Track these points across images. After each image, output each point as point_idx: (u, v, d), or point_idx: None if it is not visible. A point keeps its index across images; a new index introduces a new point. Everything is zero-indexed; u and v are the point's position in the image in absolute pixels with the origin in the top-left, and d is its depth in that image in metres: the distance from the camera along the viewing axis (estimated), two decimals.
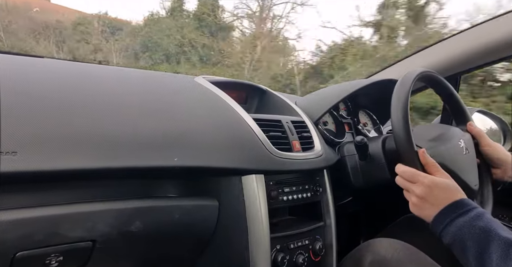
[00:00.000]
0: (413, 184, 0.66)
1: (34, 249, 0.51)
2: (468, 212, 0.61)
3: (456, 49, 1.07)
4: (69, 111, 0.55)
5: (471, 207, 0.61)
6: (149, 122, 0.63)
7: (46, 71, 0.64)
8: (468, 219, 0.59)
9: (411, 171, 0.67)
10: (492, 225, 0.58)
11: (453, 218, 0.61)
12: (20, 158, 0.46)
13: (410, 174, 0.67)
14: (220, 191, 0.72)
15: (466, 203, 0.62)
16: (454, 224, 0.60)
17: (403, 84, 0.73)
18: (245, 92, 0.97)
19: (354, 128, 1.11)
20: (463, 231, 0.59)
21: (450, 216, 0.61)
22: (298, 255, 0.76)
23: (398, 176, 0.70)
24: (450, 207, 0.62)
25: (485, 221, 0.59)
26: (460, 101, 0.86)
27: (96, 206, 0.56)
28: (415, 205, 0.66)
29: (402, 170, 0.69)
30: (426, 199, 0.64)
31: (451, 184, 0.65)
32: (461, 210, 0.61)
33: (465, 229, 0.59)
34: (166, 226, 0.65)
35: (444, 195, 0.63)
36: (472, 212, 0.60)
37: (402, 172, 0.68)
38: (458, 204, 0.62)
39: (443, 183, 0.64)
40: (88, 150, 0.53)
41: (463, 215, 0.60)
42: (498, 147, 0.81)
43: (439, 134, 0.80)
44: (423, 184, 0.65)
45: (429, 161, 0.67)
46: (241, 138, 0.72)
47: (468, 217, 0.60)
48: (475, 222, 0.59)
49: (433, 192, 0.64)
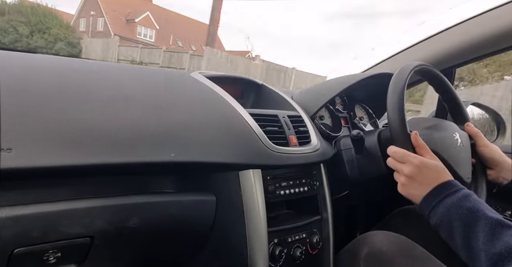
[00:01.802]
0: (402, 164, 0.68)
1: (32, 246, 0.51)
2: (455, 192, 0.62)
3: (451, 42, 1.07)
4: (64, 107, 0.55)
5: (458, 188, 0.62)
6: (145, 117, 0.63)
7: (40, 67, 0.63)
8: (456, 200, 0.60)
9: (402, 151, 0.68)
10: (479, 205, 0.59)
11: (441, 199, 0.62)
12: (16, 154, 0.46)
13: (401, 154, 0.68)
14: (218, 186, 0.72)
15: (453, 184, 0.63)
16: (442, 204, 0.61)
17: (399, 77, 0.73)
18: (241, 87, 0.97)
19: (350, 122, 1.11)
20: (450, 211, 0.60)
21: (438, 196, 0.62)
22: (296, 249, 0.77)
23: (389, 157, 0.71)
24: (438, 188, 0.63)
25: (472, 201, 0.60)
26: (455, 94, 0.87)
27: (94, 202, 0.56)
28: (404, 184, 0.67)
29: (393, 151, 0.70)
30: (414, 178, 0.65)
31: (439, 166, 0.66)
32: (449, 190, 0.62)
33: (452, 209, 0.60)
34: (164, 222, 0.66)
35: (433, 175, 0.65)
36: (459, 193, 0.61)
37: (393, 152, 0.70)
38: (446, 185, 0.63)
39: (432, 163, 0.66)
40: (84, 146, 0.53)
41: (451, 195, 0.61)
42: (494, 148, 0.82)
43: (434, 124, 0.80)
44: (412, 164, 0.66)
45: (420, 143, 0.69)
46: (238, 133, 0.72)
47: (455, 198, 0.61)
48: (463, 202, 0.60)
49: (422, 172, 0.65)
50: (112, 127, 0.57)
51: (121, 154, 0.55)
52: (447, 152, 0.74)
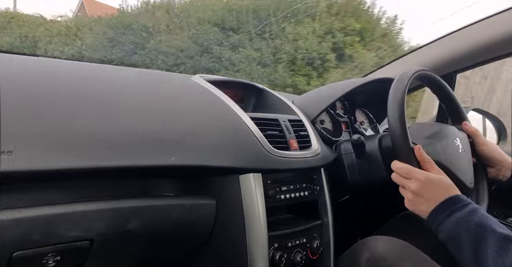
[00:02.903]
0: (408, 180, 0.67)
1: (31, 249, 0.50)
2: (463, 207, 0.61)
3: (452, 48, 1.07)
4: (65, 110, 0.55)
5: (466, 203, 0.62)
6: (146, 121, 0.63)
7: (42, 70, 0.64)
8: (464, 215, 0.60)
9: (407, 167, 0.68)
10: (487, 220, 0.59)
11: (449, 214, 0.61)
12: (16, 157, 0.46)
13: (406, 170, 0.68)
14: (218, 190, 0.72)
15: (460, 199, 0.63)
16: (449, 220, 0.61)
17: (400, 82, 0.73)
18: (242, 91, 0.97)
19: (351, 127, 1.11)
20: (459, 226, 0.59)
21: (446, 212, 0.62)
22: (296, 253, 0.76)
23: (394, 173, 0.70)
24: (445, 203, 0.63)
25: (480, 216, 0.59)
26: (456, 99, 0.87)
27: (94, 206, 0.56)
28: (410, 201, 0.67)
29: (397, 167, 0.69)
30: (421, 195, 0.65)
31: (445, 181, 0.66)
32: (456, 206, 0.62)
33: (460, 224, 0.59)
34: (164, 225, 0.65)
35: (439, 191, 0.64)
36: (467, 208, 0.61)
37: (398, 168, 0.69)
38: (453, 200, 0.63)
39: (438, 179, 0.65)
40: (85, 149, 0.53)
41: (458, 210, 0.61)
42: (493, 146, 0.82)
43: (435, 132, 0.80)
44: (418, 180, 0.65)
45: (425, 157, 0.68)
46: (239, 137, 0.72)
47: (463, 213, 0.60)
48: (470, 217, 0.59)
49: (428, 188, 0.64)
50: (112, 131, 0.57)
51: (121, 158, 0.55)
52: (449, 160, 0.74)
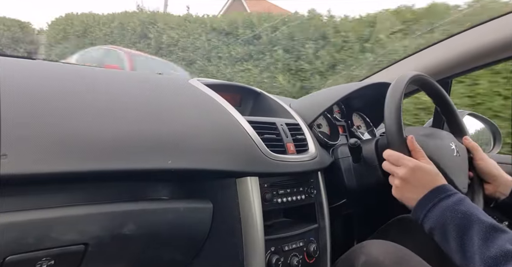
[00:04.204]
0: (397, 167, 0.68)
1: (25, 253, 0.50)
2: (449, 196, 0.62)
3: (448, 53, 1.08)
4: (61, 113, 0.55)
5: (452, 192, 0.63)
6: (143, 124, 0.62)
7: (38, 73, 0.63)
8: (450, 204, 0.61)
9: (397, 154, 0.69)
10: (473, 209, 0.59)
11: (436, 203, 0.62)
12: (10, 161, 0.45)
13: (396, 157, 0.69)
14: (215, 193, 0.71)
15: (447, 188, 0.64)
16: (436, 208, 0.61)
17: (396, 86, 0.74)
18: (240, 94, 0.97)
19: (348, 131, 1.12)
20: (445, 215, 0.60)
21: (433, 200, 0.62)
22: (293, 257, 0.76)
23: (385, 161, 0.71)
24: (433, 191, 0.63)
25: (466, 205, 0.60)
26: (451, 104, 0.87)
27: (89, 209, 0.55)
28: (398, 187, 0.68)
29: (388, 154, 0.71)
30: (409, 181, 0.66)
31: (434, 170, 0.67)
32: (444, 194, 0.62)
33: (447, 213, 0.60)
34: (160, 229, 0.65)
35: (427, 178, 0.65)
36: (454, 197, 0.62)
37: (389, 155, 0.70)
38: (441, 189, 0.63)
39: (426, 167, 0.66)
40: (80, 152, 0.52)
41: (445, 199, 0.62)
42: (491, 162, 0.81)
43: (430, 133, 0.81)
44: (407, 167, 0.66)
45: (416, 147, 0.69)
46: (236, 140, 0.72)
47: (450, 202, 0.61)
48: (457, 206, 0.60)
49: (416, 175, 0.65)
50: (109, 134, 0.57)
51: (117, 161, 0.55)
52: (443, 161, 0.74)
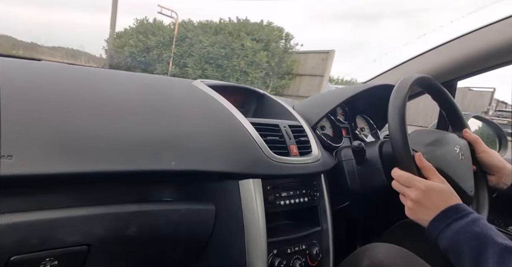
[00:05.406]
0: (408, 189, 0.67)
1: (29, 253, 0.50)
2: (463, 217, 0.61)
3: (453, 55, 1.08)
4: (65, 114, 0.55)
5: (466, 212, 0.61)
6: (146, 125, 0.63)
7: (44, 74, 0.64)
8: (464, 224, 0.59)
9: (407, 175, 0.67)
10: (488, 230, 0.58)
11: (449, 223, 0.61)
12: (16, 161, 0.46)
13: (406, 178, 0.67)
14: (217, 195, 0.71)
15: (461, 208, 0.62)
16: (450, 229, 0.60)
17: (400, 89, 0.73)
18: (243, 96, 0.97)
19: (351, 133, 1.11)
20: (459, 236, 0.59)
21: (446, 221, 0.61)
22: (295, 260, 0.76)
23: (394, 181, 0.70)
24: (446, 212, 0.62)
25: (480, 226, 0.59)
26: (456, 107, 0.87)
27: (92, 210, 0.56)
28: (411, 209, 0.66)
29: (398, 175, 0.69)
30: (421, 203, 0.65)
31: (446, 189, 0.65)
32: (457, 215, 0.61)
33: (461, 234, 0.59)
34: (162, 231, 0.65)
35: (440, 199, 0.64)
36: (468, 217, 0.60)
37: (398, 176, 0.69)
38: (454, 209, 0.62)
39: (438, 187, 0.65)
40: (84, 153, 0.53)
41: (459, 220, 0.60)
42: (493, 154, 0.82)
43: (435, 139, 0.80)
44: (419, 189, 0.65)
45: (426, 164, 0.68)
46: (239, 142, 0.72)
47: (464, 222, 0.60)
48: (471, 227, 0.59)
49: (428, 197, 0.64)
50: (112, 135, 0.57)
51: (120, 162, 0.55)
52: (450, 168, 0.74)
